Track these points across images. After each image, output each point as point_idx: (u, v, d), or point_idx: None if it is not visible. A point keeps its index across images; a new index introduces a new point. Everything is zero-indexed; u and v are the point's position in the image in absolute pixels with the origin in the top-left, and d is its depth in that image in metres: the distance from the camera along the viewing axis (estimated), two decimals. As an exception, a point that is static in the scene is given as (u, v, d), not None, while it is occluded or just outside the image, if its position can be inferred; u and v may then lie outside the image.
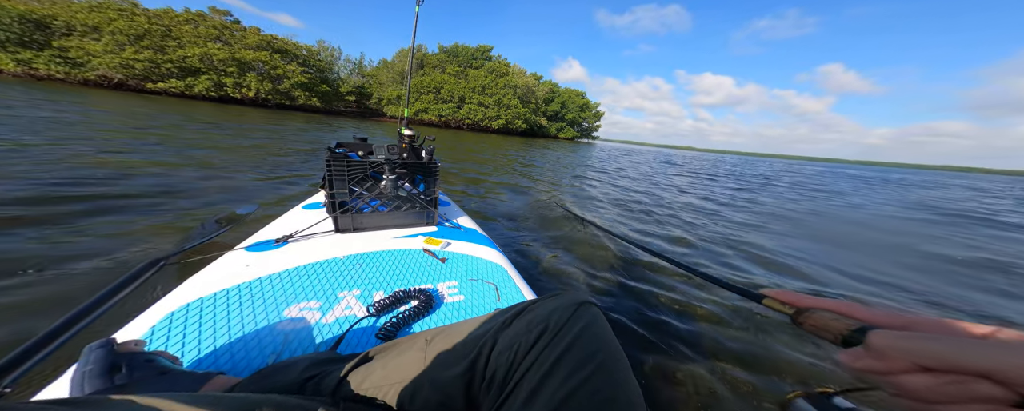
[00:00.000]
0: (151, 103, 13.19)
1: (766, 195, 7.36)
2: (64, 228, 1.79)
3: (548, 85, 49.61)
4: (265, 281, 0.86)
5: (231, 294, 0.79)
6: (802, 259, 2.82)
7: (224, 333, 0.68)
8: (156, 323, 0.68)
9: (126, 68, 23.98)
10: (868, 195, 9.31)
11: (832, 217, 5.37)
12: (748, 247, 3.02)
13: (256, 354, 0.64)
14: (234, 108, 20.37)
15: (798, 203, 6.58)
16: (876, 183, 15.76)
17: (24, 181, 2.35)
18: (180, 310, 0.72)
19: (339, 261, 1.01)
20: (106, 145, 4.01)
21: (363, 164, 1.25)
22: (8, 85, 12.42)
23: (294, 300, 0.81)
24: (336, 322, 0.75)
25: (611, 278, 2.06)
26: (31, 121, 4.97)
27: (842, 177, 19.62)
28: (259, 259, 0.98)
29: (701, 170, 14.07)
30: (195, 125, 7.64)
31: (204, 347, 0.64)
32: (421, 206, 1.41)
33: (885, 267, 2.78)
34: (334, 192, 1.21)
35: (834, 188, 10.80)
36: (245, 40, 29.06)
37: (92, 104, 9.15)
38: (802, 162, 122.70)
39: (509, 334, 0.45)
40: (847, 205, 6.93)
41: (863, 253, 3.21)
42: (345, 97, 38.57)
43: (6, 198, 2.03)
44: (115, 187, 2.55)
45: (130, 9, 25.32)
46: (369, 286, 0.91)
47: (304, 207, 1.56)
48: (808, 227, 4.30)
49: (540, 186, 5.37)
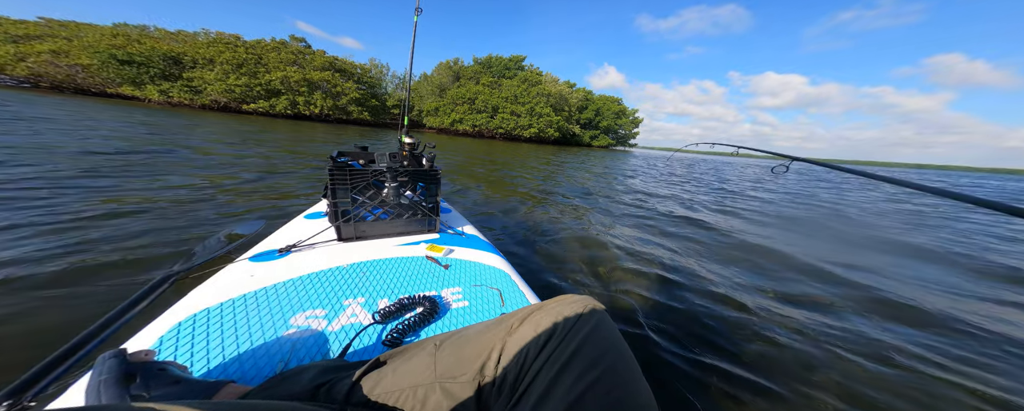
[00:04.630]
0: (251, 122, 15.99)
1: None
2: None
3: (582, 92, 49.84)
4: (270, 290, 0.87)
5: (237, 304, 0.81)
6: None
7: (232, 342, 0.69)
8: (164, 333, 0.70)
9: (229, 93, 30.03)
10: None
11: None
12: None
13: (265, 362, 0.65)
14: (305, 123, 24.17)
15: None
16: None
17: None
18: (187, 320, 0.74)
19: (343, 269, 1.03)
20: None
21: (365, 172, 1.27)
22: (155, 111, 15.54)
23: (300, 308, 0.82)
24: (342, 330, 0.77)
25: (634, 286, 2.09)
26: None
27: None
28: (263, 269, 0.99)
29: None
30: (300, 143, 9.45)
31: (213, 356, 0.65)
32: (423, 213, 1.42)
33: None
34: (336, 201, 1.22)
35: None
36: (313, 62, 34.32)
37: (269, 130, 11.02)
38: (915, 171, 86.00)
39: (518, 338, 0.47)
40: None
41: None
42: (391, 110, 42.85)
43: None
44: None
45: (234, 42, 31.64)
46: (374, 294, 0.92)
47: (306, 217, 1.58)
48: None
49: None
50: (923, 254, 3.55)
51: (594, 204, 5.02)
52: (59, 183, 2.98)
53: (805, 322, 1.85)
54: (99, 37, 28.96)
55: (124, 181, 3.33)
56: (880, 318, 1.98)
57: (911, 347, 1.68)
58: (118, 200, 2.73)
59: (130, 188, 3.12)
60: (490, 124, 40.56)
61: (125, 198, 2.80)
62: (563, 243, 2.89)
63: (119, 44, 28.48)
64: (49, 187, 2.84)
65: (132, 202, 2.72)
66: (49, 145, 4.66)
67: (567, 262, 2.46)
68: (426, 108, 42.86)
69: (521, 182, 6.39)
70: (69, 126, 6.91)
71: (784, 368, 1.44)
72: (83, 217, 2.26)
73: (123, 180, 3.36)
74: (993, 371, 1.53)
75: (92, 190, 2.93)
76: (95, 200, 2.67)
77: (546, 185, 6.44)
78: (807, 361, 1.50)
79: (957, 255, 3.56)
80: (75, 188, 2.92)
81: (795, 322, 1.83)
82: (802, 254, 3.08)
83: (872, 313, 2.03)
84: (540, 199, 4.88)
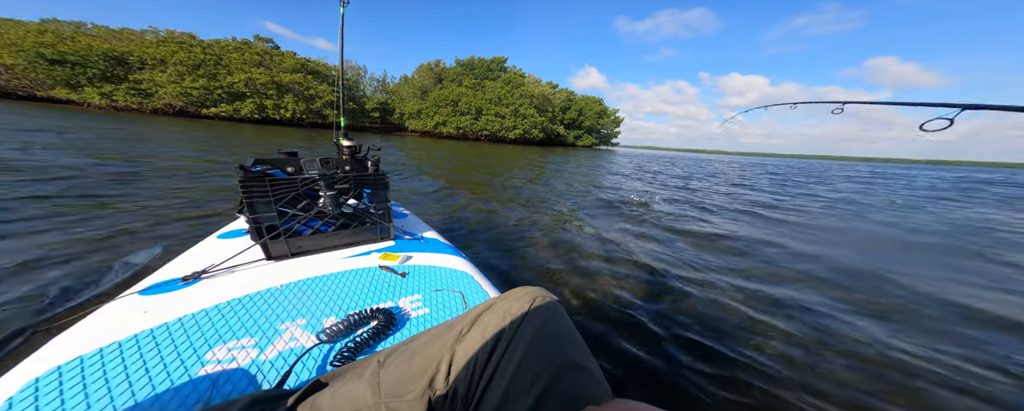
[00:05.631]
0: (210, 127, 14.61)
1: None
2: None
3: (564, 93, 49.87)
4: (173, 326, 0.73)
5: (125, 346, 0.65)
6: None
7: (124, 391, 0.55)
8: (14, 395, 0.54)
9: (185, 96, 27.31)
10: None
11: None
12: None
13: (175, 406, 0.54)
14: (273, 128, 22.53)
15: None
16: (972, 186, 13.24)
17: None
18: (50, 374, 0.58)
19: (276, 291, 0.90)
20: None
21: (292, 181, 1.12)
22: (94, 116, 14.06)
23: (218, 341, 0.69)
24: (279, 356, 0.66)
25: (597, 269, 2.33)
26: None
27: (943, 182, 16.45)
28: (161, 302, 0.83)
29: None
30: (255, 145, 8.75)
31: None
32: (372, 221, 1.30)
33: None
34: (256, 216, 1.08)
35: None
36: (283, 64, 32.02)
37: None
38: (860, 164, 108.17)
39: (466, 344, 0.44)
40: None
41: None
42: (370, 114, 41.02)
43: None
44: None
45: (188, 41, 28.85)
46: (317, 313, 0.82)
47: (220, 236, 1.37)
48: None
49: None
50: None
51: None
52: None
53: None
54: (23, 34, 25.39)
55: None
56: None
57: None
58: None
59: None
60: (475, 126, 39.90)
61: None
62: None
63: (48, 42, 25.08)
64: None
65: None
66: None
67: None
68: (408, 111, 41.44)
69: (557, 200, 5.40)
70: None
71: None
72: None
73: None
74: None
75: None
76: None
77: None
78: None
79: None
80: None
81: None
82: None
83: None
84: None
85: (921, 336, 1.76)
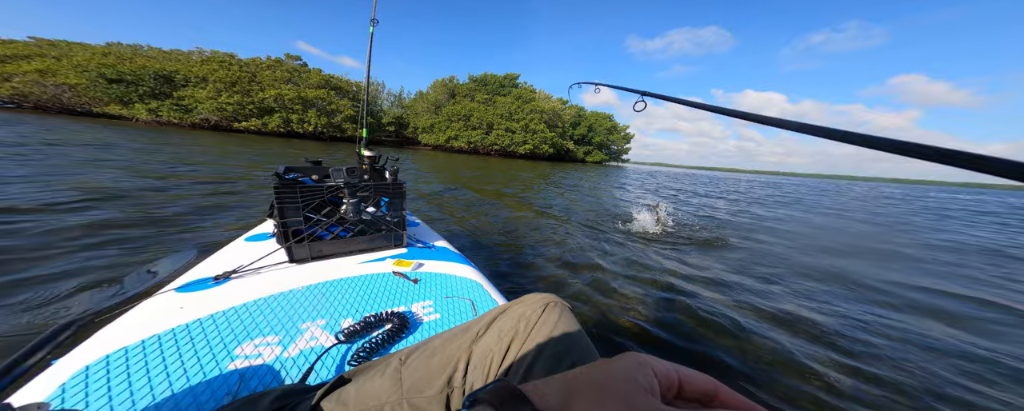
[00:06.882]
0: (244, 141, 15.32)
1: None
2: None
3: (574, 109, 50.80)
4: (206, 321, 0.79)
5: (164, 339, 0.72)
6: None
7: (162, 381, 0.61)
8: (66, 380, 0.59)
9: (220, 110, 29.67)
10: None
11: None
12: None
13: (207, 398, 0.58)
14: (297, 141, 24.03)
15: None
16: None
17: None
18: (98, 362, 0.63)
19: (298, 292, 0.96)
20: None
21: (319, 189, 1.21)
22: (142, 131, 14.99)
23: (246, 338, 0.74)
24: (301, 355, 0.71)
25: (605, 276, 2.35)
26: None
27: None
28: (195, 299, 0.89)
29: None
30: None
31: (139, 399, 0.57)
32: (388, 229, 1.37)
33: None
34: (285, 220, 1.15)
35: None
36: (309, 80, 34.39)
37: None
38: (892, 184, 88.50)
39: (483, 345, 0.48)
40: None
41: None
42: (386, 127, 42.89)
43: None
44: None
45: (228, 60, 31.60)
46: (335, 315, 0.87)
47: (248, 239, 1.46)
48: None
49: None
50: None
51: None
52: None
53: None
54: (90, 56, 28.68)
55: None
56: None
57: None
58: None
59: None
60: (485, 141, 40.81)
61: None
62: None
63: (109, 63, 28.16)
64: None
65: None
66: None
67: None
68: (421, 125, 43.01)
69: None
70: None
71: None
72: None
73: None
74: None
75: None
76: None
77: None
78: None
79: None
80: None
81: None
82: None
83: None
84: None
85: None
